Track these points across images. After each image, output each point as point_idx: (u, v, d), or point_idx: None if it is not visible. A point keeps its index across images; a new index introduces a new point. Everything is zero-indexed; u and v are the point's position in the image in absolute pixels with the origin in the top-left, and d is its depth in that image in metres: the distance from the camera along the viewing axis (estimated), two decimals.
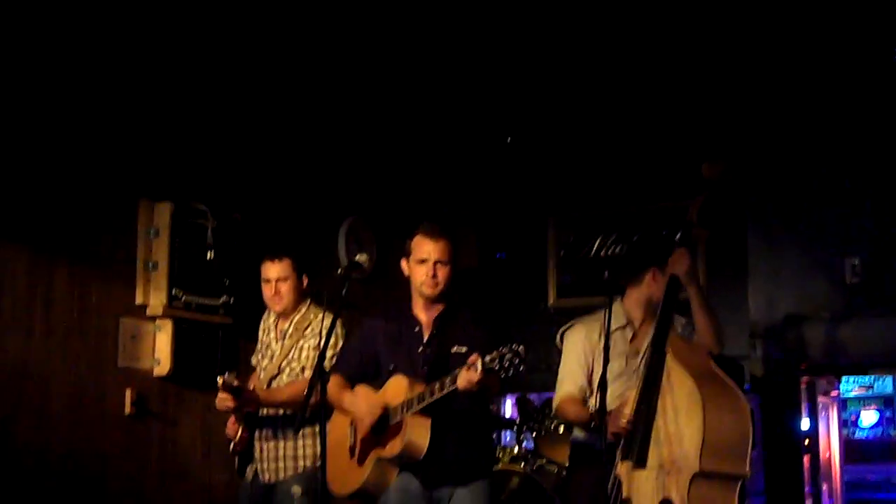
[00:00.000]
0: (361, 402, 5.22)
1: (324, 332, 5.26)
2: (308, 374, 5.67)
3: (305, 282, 5.96)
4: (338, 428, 5.40)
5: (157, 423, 6.67)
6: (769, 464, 7.58)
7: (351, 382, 5.35)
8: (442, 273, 5.19)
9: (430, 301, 5.26)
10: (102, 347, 6.27)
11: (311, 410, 4.90)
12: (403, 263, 5.32)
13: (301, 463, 5.75)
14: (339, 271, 5.24)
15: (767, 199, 8.20)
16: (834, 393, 8.69)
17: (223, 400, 5.62)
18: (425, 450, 5.03)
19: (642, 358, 5.19)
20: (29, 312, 6.05)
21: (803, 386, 7.95)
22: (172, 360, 6.63)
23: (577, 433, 5.56)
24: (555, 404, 5.56)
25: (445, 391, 4.87)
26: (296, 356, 5.83)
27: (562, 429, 7.53)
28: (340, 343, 5.75)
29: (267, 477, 5.79)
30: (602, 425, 4.73)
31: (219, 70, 7.17)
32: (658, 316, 5.08)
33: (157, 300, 6.54)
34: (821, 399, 8.11)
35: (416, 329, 5.27)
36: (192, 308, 6.72)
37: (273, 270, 5.89)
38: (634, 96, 8.43)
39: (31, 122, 6.12)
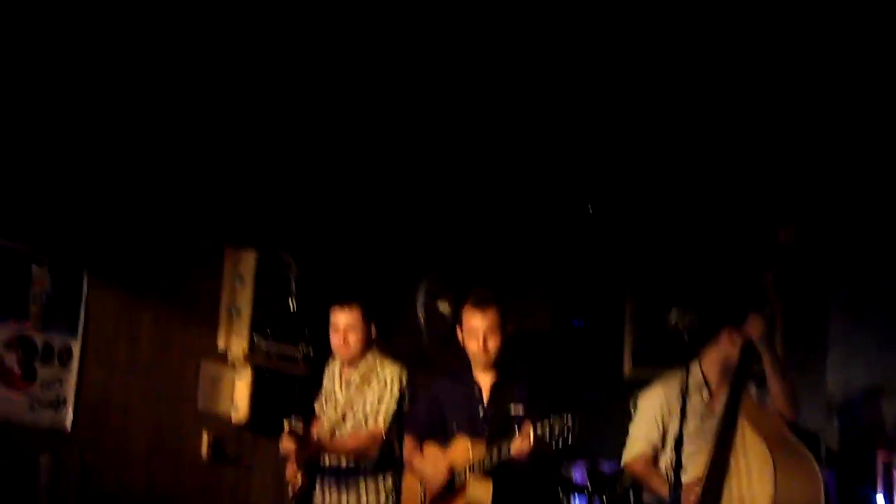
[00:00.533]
0: (429, 467, 5.39)
1: (391, 384, 5.61)
2: (371, 425, 5.64)
3: (374, 331, 5.85)
4: (410, 486, 5.54)
5: (231, 469, 6.75)
6: None
7: (420, 441, 5.53)
8: (492, 343, 5.34)
9: (486, 368, 5.42)
10: (182, 389, 6.40)
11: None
12: (458, 331, 5.48)
13: (381, 498, 5.68)
14: (422, 317, 5.33)
15: (848, 270, 8.14)
16: None
17: (287, 444, 5.60)
18: None
19: (718, 420, 5.19)
20: (114, 349, 6.22)
21: (880, 463, 7.82)
22: (250, 406, 6.71)
23: (647, 497, 5.54)
24: (625, 461, 5.52)
25: (502, 458, 5.02)
26: (360, 406, 5.74)
27: (632, 495, 7.51)
28: (407, 398, 5.70)
29: None
30: (676, 483, 4.66)
31: (311, 122, 7.30)
32: (732, 379, 5.08)
33: (237, 346, 6.61)
34: None
35: (477, 391, 5.43)
36: (271, 356, 6.80)
37: (342, 318, 5.77)
38: (716, 166, 8.43)
39: (122, 167, 6.32)
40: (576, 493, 8.18)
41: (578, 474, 8.41)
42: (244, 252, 6.77)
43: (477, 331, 5.34)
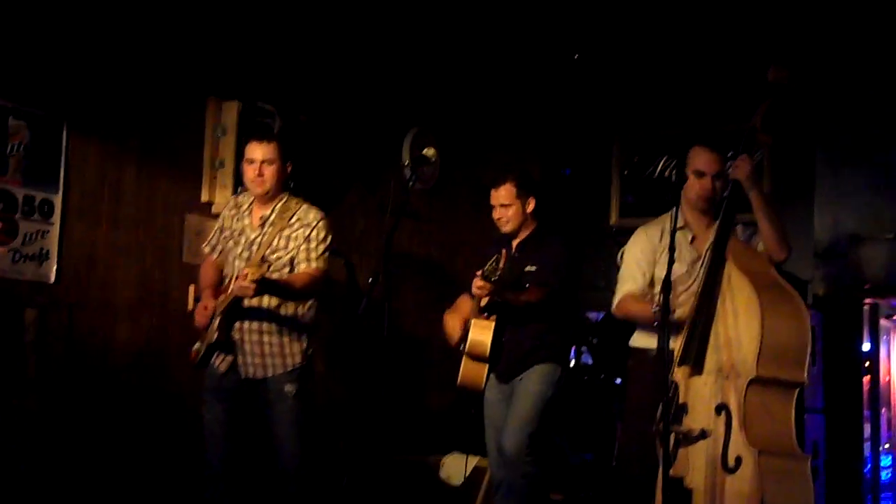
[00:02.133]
0: (448, 324, 6.28)
1: (317, 226, 5.59)
2: (305, 266, 5.53)
3: (290, 169, 5.73)
4: (452, 324, 6.35)
5: None
6: (828, 383, 7.55)
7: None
8: (507, 213, 6.11)
9: (511, 234, 6.16)
10: (168, 242, 6.34)
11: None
12: None
13: (290, 360, 5.59)
14: (407, 163, 5.35)
15: (836, 116, 8.10)
16: None
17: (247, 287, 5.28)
18: (488, 345, 5.94)
19: (703, 262, 5.18)
20: (97, 203, 6.15)
21: (866, 307, 7.88)
22: None
23: (635, 340, 5.56)
24: (614, 303, 5.55)
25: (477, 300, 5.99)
26: (281, 245, 5.58)
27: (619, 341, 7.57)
28: (329, 240, 5.64)
29: (251, 371, 5.57)
30: (665, 324, 4.68)
31: None
32: (719, 220, 5.06)
33: (222, 198, 6.51)
34: (883, 322, 8.03)
35: (508, 251, 6.09)
36: None
37: (259, 151, 5.60)
38: (703, 13, 8.33)
39: (104, 18, 6.17)
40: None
41: None
42: (226, 103, 6.66)
43: (494, 205, 6.13)
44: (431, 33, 8.29)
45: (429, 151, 5.42)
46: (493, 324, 5.96)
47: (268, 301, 5.55)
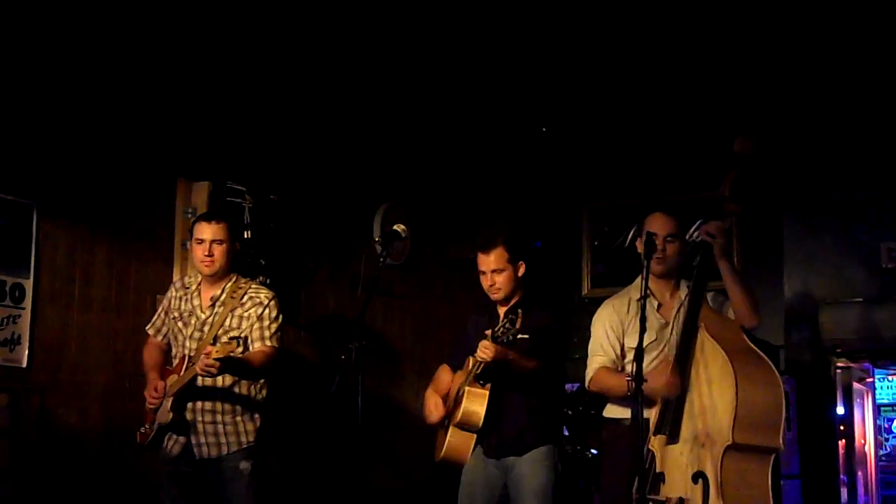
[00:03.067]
0: (429, 400, 6.02)
1: (268, 304, 5.59)
2: (260, 345, 5.51)
3: (238, 248, 5.76)
4: (435, 402, 6.08)
5: None
6: (804, 447, 7.56)
7: (455, 371, 6.08)
8: (500, 280, 5.89)
9: (500, 302, 5.96)
10: (139, 324, 6.28)
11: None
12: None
13: (244, 438, 5.54)
14: (378, 239, 5.37)
15: (803, 183, 8.19)
16: (869, 380, 8.65)
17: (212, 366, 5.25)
18: (482, 416, 5.68)
19: (672, 328, 5.22)
20: (69, 286, 6.14)
21: (838, 371, 7.91)
22: None
23: (609, 410, 5.56)
24: (588, 378, 5.53)
25: (480, 364, 5.60)
26: (234, 325, 5.54)
27: (593, 412, 7.57)
28: (281, 318, 5.65)
29: (206, 451, 5.50)
30: (638, 393, 4.70)
31: (259, 53, 7.22)
32: (691, 289, 5.10)
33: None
34: (856, 385, 8.07)
35: (495, 322, 5.77)
36: None
37: (208, 231, 5.57)
38: (669, 85, 8.43)
39: (73, 101, 6.20)
40: None
41: None
42: (197, 184, 6.68)
43: (485, 271, 5.90)
44: (400, 110, 8.36)
45: (399, 227, 5.46)
46: (487, 393, 5.68)
47: (222, 381, 5.52)
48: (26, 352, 5.90)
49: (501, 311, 5.91)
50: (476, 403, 5.67)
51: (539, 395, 5.82)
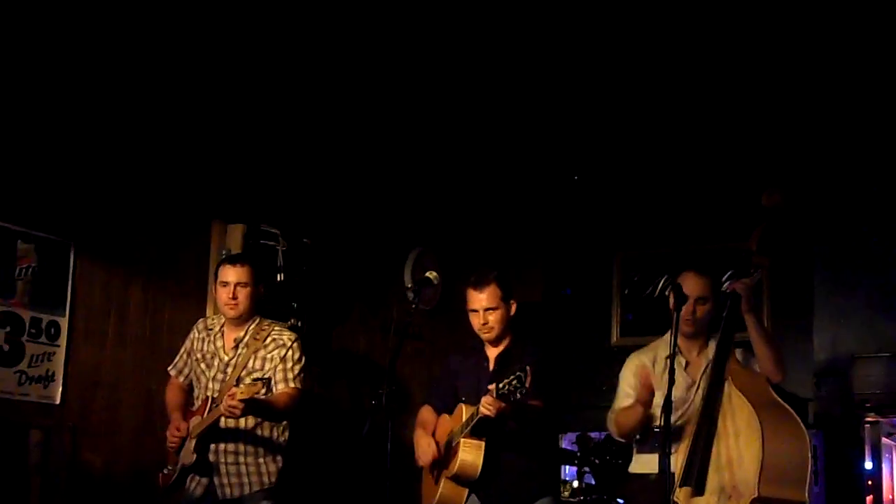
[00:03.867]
0: (422, 442, 5.75)
1: (291, 345, 5.62)
2: (283, 387, 5.55)
3: (262, 291, 5.77)
4: (423, 446, 5.81)
5: None
6: (831, 502, 7.52)
7: (438, 413, 5.87)
8: (493, 318, 5.64)
9: (492, 342, 5.71)
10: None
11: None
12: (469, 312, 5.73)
13: (266, 479, 5.56)
14: (410, 286, 5.36)
15: (834, 235, 8.19)
16: None
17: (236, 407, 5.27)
18: (479, 469, 5.43)
19: (697, 387, 5.22)
20: (103, 324, 6.22)
21: (867, 426, 7.89)
22: None
23: (634, 466, 5.54)
24: (609, 420, 5.52)
25: (478, 417, 5.29)
26: (257, 366, 5.59)
27: (621, 462, 7.56)
28: (304, 360, 5.69)
29: (228, 492, 5.51)
30: (665, 445, 4.69)
31: (295, 98, 7.32)
32: (718, 341, 5.12)
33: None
34: (885, 440, 8.05)
35: (485, 364, 5.72)
36: None
37: (232, 274, 5.62)
38: (701, 134, 8.47)
39: (111, 142, 6.31)
40: (566, 463, 8.31)
41: (568, 444, 8.49)
42: (231, 226, 6.76)
43: (478, 308, 5.62)
44: (434, 156, 8.43)
45: (431, 274, 5.50)
46: (483, 444, 5.43)
47: (244, 422, 5.55)
48: (60, 388, 5.97)
49: (491, 352, 5.73)
50: (473, 455, 5.44)
51: (536, 443, 5.66)
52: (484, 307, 5.61)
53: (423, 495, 5.83)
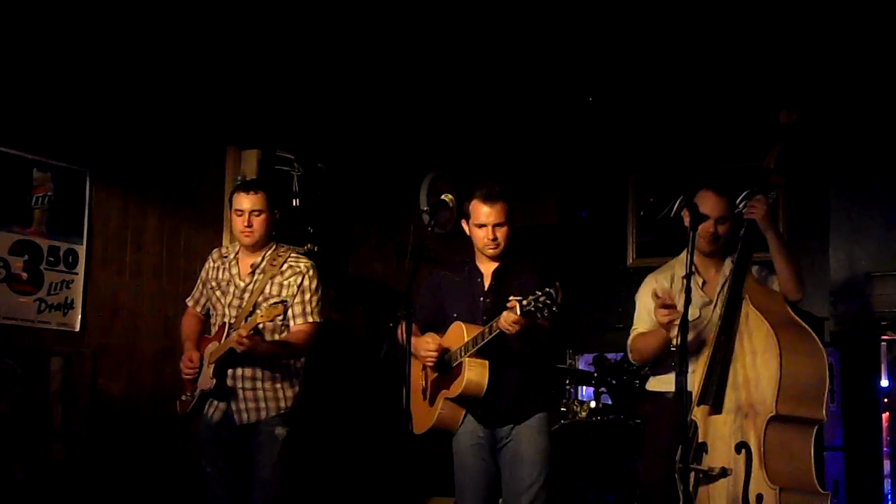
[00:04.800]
0: (422, 344, 5.42)
1: (308, 273, 5.62)
2: (300, 321, 5.58)
3: (277, 216, 5.78)
4: (412, 372, 5.47)
5: None
6: (848, 419, 7.56)
7: (422, 330, 5.57)
8: (501, 234, 5.44)
9: (493, 258, 5.52)
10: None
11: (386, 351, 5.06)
12: (464, 224, 5.58)
13: (283, 404, 5.59)
14: (425, 209, 5.29)
15: (849, 154, 8.15)
16: None
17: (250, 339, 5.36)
18: (485, 388, 5.30)
19: (714, 306, 5.23)
20: (121, 252, 6.26)
21: (883, 344, 7.89)
22: None
23: (651, 384, 5.57)
24: (628, 348, 5.55)
25: (493, 334, 5.13)
26: (274, 292, 5.58)
27: (637, 383, 7.60)
28: (321, 289, 5.71)
29: (245, 417, 5.55)
30: (682, 362, 4.64)
31: (308, 23, 7.28)
32: (735, 261, 5.11)
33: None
34: None
35: (479, 280, 5.54)
36: None
37: (247, 201, 5.60)
38: (715, 54, 8.39)
39: (125, 70, 6.29)
40: (583, 384, 8.35)
41: (584, 365, 8.53)
42: (246, 151, 6.76)
43: (487, 222, 5.43)
44: (448, 80, 8.39)
45: (447, 196, 5.46)
46: (487, 363, 5.29)
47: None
48: (79, 316, 6.02)
49: (485, 267, 5.54)
50: (479, 374, 5.30)
51: (536, 361, 5.53)
52: (493, 222, 5.43)
53: (414, 418, 5.53)
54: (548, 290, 4.88)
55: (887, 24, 7.66)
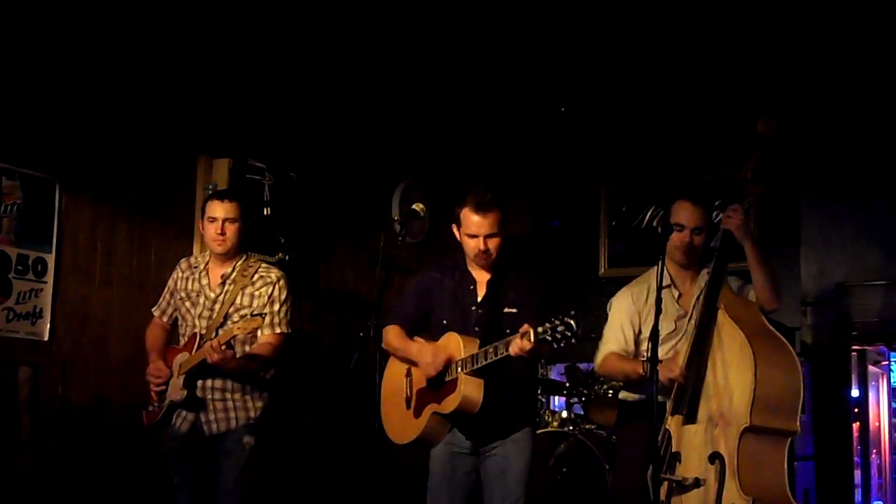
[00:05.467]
0: (428, 354, 5.30)
1: (278, 284, 5.62)
2: (268, 332, 5.55)
3: (248, 226, 5.76)
4: (392, 377, 5.53)
5: None
6: (819, 429, 7.59)
7: (408, 333, 5.49)
8: (493, 244, 5.28)
9: (485, 269, 5.39)
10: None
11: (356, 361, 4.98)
12: (454, 229, 5.42)
13: (252, 414, 5.57)
14: (397, 218, 5.28)
15: (821, 165, 8.19)
16: (885, 363, 8.67)
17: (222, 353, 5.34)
18: (479, 407, 5.14)
19: (690, 318, 5.22)
20: (90, 261, 6.21)
21: (854, 354, 7.93)
22: None
23: (625, 394, 5.55)
24: (597, 362, 5.50)
25: (498, 357, 4.99)
26: (245, 303, 5.57)
27: (611, 393, 7.61)
28: (290, 300, 5.69)
29: (215, 428, 5.53)
30: (654, 374, 4.65)
31: (280, 32, 7.25)
32: (711, 270, 5.10)
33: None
34: (871, 368, 8.10)
35: (471, 287, 5.40)
36: None
37: (220, 209, 5.57)
38: (688, 65, 8.42)
39: (95, 78, 6.25)
40: (555, 393, 8.35)
41: (557, 374, 8.53)
42: (217, 160, 6.73)
43: (478, 233, 5.27)
44: (419, 88, 8.37)
45: (418, 206, 5.43)
46: (483, 381, 5.13)
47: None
48: (48, 325, 5.97)
49: (479, 275, 5.40)
50: (475, 393, 5.14)
51: (527, 378, 5.47)
52: (485, 233, 5.25)
53: (389, 426, 5.50)
54: (567, 320, 4.74)
55: (863, 38, 7.70)
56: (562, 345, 4.78)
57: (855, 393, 7.94)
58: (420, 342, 5.43)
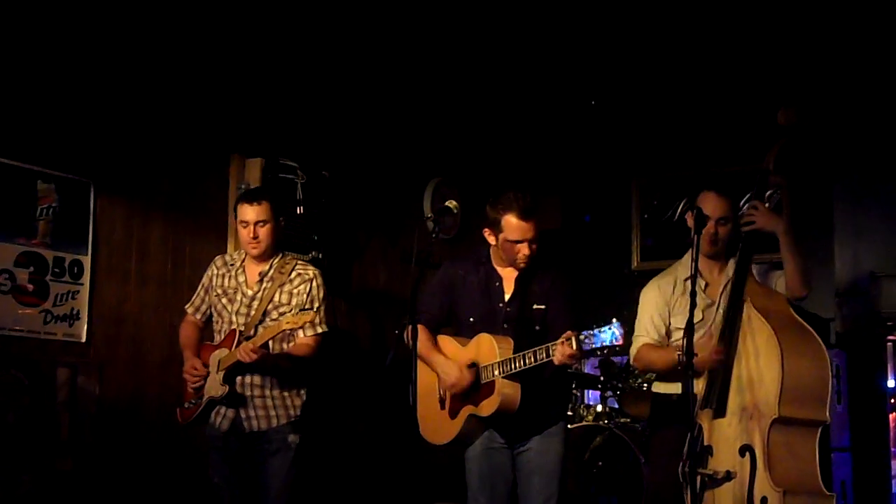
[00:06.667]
0: (453, 369, 5.35)
1: (316, 281, 5.62)
2: (310, 332, 5.56)
3: (283, 224, 5.76)
4: (424, 377, 5.47)
5: None
6: (855, 420, 7.56)
7: (434, 332, 5.53)
8: (535, 248, 5.27)
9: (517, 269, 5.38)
10: None
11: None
12: (488, 233, 5.39)
13: (292, 412, 5.59)
14: (430, 216, 5.26)
15: (853, 153, 8.15)
16: None
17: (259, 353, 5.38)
18: (516, 409, 5.18)
19: (717, 307, 5.23)
20: (125, 262, 6.26)
21: (889, 344, 7.89)
22: None
23: (657, 386, 5.58)
24: (632, 355, 5.52)
25: (538, 362, 5.01)
26: (283, 300, 5.60)
27: (645, 386, 7.61)
28: (327, 296, 5.70)
29: (256, 425, 5.54)
30: (688, 367, 4.65)
31: (313, 30, 7.30)
32: (736, 262, 5.12)
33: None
34: None
35: (497, 284, 5.42)
36: None
37: (251, 213, 5.57)
38: (718, 57, 8.40)
39: (129, 80, 6.30)
40: (589, 387, 8.36)
41: (591, 368, 8.54)
42: (250, 160, 6.77)
43: (523, 238, 5.22)
44: (451, 86, 8.39)
45: (451, 203, 5.44)
46: (519, 385, 5.15)
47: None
48: (85, 327, 6.03)
49: (505, 272, 5.40)
50: (513, 397, 5.15)
51: (558, 375, 5.40)
52: (530, 238, 5.22)
53: (424, 427, 5.52)
54: (612, 330, 4.76)
55: (889, 23, 7.66)
56: (605, 352, 4.90)
57: (891, 383, 7.90)
58: (445, 346, 5.47)
